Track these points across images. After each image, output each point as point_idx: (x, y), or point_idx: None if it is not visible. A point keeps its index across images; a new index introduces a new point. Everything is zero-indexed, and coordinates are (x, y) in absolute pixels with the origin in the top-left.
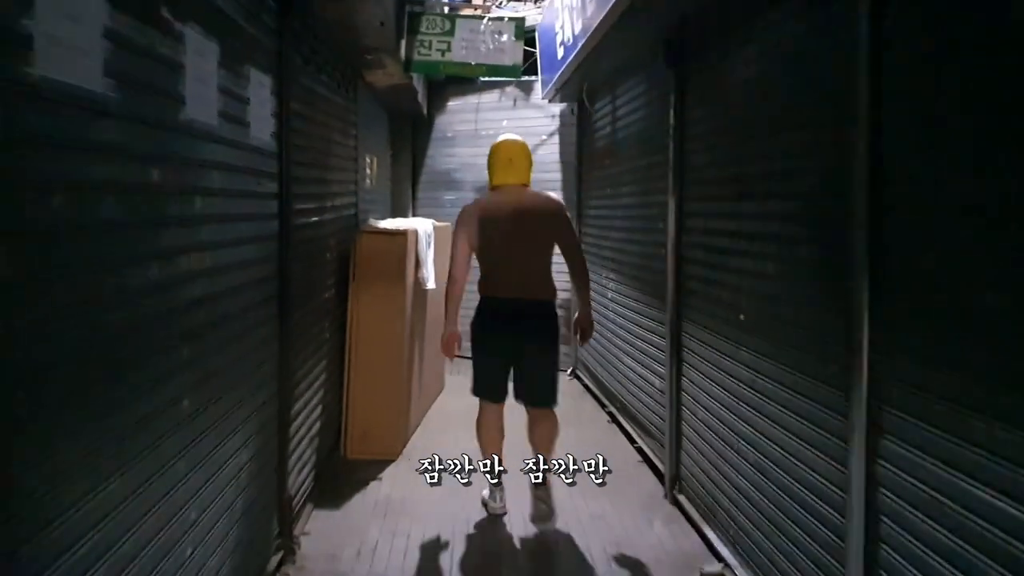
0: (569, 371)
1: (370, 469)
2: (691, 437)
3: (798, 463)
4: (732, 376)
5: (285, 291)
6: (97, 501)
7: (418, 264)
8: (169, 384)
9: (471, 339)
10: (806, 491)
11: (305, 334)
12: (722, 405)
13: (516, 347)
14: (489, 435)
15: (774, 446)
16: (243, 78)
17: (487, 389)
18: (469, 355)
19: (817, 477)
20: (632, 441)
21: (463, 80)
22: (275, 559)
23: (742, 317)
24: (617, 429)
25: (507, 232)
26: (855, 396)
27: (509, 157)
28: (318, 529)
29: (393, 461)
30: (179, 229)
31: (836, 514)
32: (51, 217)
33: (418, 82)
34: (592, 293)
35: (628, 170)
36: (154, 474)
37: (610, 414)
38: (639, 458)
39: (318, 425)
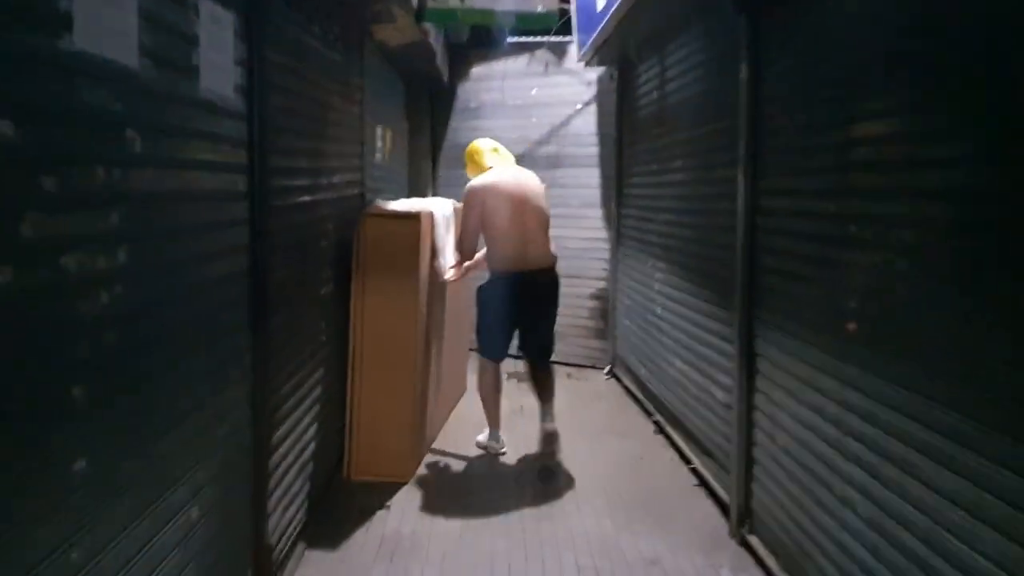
0: (606, 370)
1: (377, 494)
2: (768, 466)
3: (954, 539)
4: (834, 400)
5: (260, 290)
6: None
7: (434, 252)
8: (49, 442)
9: (489, 308)
10: None
11: (293, 340)
12: (817, 434)
13: (536, 313)
14: (498, 392)
15: (909, 506)
16: (187, 7)
17: (502, 351)
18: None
19: (994, 566)
20: (685, 459)
21: (487, 44)
22: None
23: (852, 326)
24: (665, 442)
25: (520, 206)
26: None
27: (493, 147)
28: None
29: (405, 484)
30: (60, 214)
31: None
32: None
33: (436, 40)
34: (635, 283)
35: (681, 140)
36: None
37: (657, 424)
38: (695, 481)
39: (313, 447)
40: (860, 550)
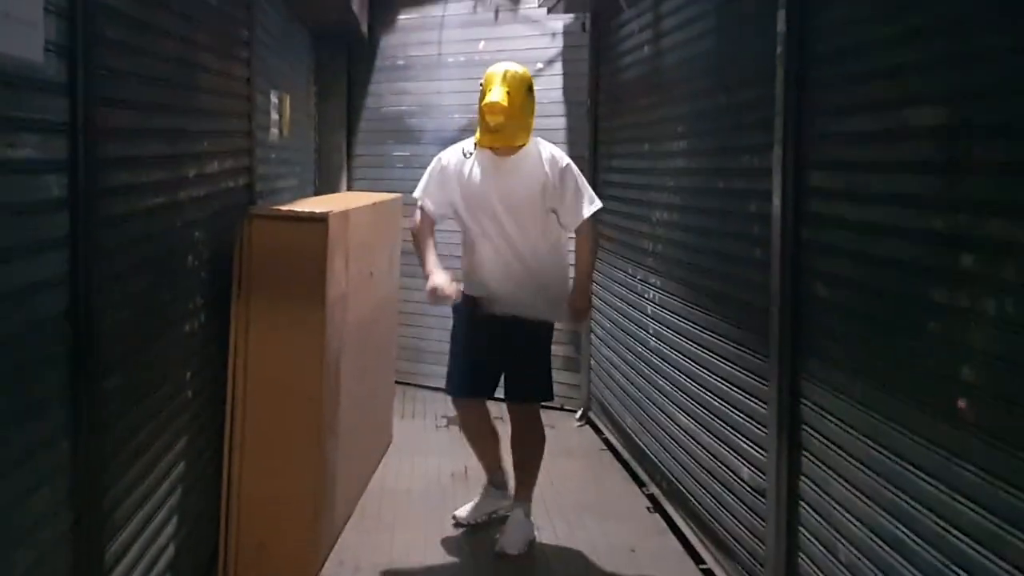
0: (579, 414)
1: None
2: None
3: None
4: (934, 512)
5: (86, 342)
6: None
7: None
8: None
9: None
10: None
11: (140, 407)
12: (912, 563)
13: None
14: None
15: None
16: None
17: None
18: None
19: None
20: (694, 556)
21: None
22: None
23: (964, 405)
24: (665, 526)
25: None
26: None
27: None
28: None
29: None
30: None
31: None
32: None
33: None
34: (618, 300)
35: (686, 114)
36: None
37: (652, 499)
38: None
39: (171, 552)
40: None
